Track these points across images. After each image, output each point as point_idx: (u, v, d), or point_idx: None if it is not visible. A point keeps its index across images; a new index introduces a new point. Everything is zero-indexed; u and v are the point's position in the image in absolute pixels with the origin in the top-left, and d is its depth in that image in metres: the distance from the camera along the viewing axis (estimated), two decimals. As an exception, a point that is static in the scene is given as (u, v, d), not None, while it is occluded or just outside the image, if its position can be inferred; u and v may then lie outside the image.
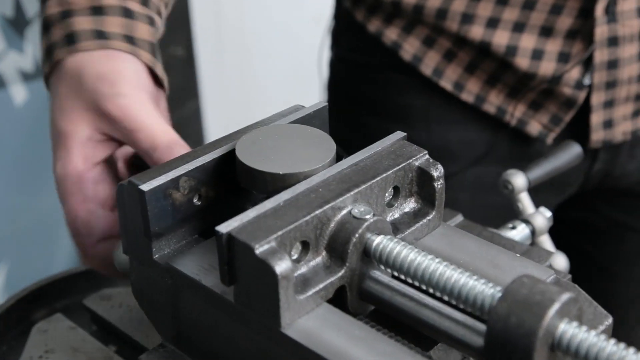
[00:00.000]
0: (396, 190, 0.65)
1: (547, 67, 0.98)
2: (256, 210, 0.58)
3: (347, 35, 1.14)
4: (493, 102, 1.04)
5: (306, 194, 0.60)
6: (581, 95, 1.00)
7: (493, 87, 1.03)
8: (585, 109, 1.02)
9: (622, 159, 1.07)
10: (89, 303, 0.82)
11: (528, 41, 0.98)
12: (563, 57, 0.98)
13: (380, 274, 0.61)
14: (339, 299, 0.60)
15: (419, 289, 0.60)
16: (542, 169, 0.84)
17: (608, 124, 1.02)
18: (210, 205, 0.66)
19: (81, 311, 0.83)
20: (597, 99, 1.00)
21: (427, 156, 0.66)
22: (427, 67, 1.04)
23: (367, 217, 0.60)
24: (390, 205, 0.65)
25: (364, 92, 1.13)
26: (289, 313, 0.56)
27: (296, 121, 0.70)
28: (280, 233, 0.56)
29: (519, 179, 0.81)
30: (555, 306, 0.50)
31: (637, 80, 1.01)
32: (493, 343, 0.52)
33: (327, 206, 0.59)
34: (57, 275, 0.87)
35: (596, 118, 1.01)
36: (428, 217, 0.65)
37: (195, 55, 1.50)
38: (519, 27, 0.98)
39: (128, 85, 0.74)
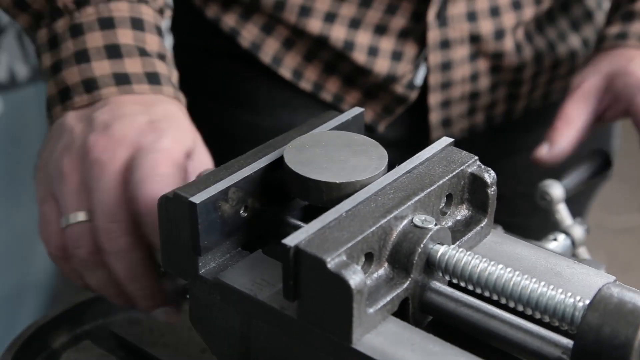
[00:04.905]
0: (449, 197, 0.63)
1: (382, 65, 1.01)
2: (319, 222, 0.56)
3: (185, 19, 1.12)
4: (330, 90, 1.05)
5: (366, 203, 0.58)
6: (412, 95, 1.03)
7: (330, 76, 1.05)
8: (424, 108, 1.05)
9: None
10: (117, 329, 0.78)
11: (364, 37, 1.00)
12: (396, 56, 1.01)
13: (441, 285, 0.59)
14: (398, 311, 0.58)
15: (483, 299, 0.58)
16: (577, 178, 0.83)
17: (446, 123, 1.06)
18: (254, 217, 0.63)
19: (104, 337, 0.79)
20: (434, 99, 1.04)
21: (478, 162, 0.64)
22: (266, 54, 1.04)
23: (430, 226, 0.58)
24: (443, 213, 0.63)
25: (206, 79, 1.12)
26: (360, 329, 0.54)
27: (335, 128, 0.68)
28: (349, 245, 0.54)
29: (556, 190, 0.80)
30: (649, 315, 0.49)
31: (470, 80, 1.04)
32: (583, 354, 0.50)
33: (390, 216, 0.57)
34: (76, 300, 0.82)
35: (434, 117, 1.05)
36: (481, 225, 0.64)
37: None
38: (355, 24, 1.00)
39: None
